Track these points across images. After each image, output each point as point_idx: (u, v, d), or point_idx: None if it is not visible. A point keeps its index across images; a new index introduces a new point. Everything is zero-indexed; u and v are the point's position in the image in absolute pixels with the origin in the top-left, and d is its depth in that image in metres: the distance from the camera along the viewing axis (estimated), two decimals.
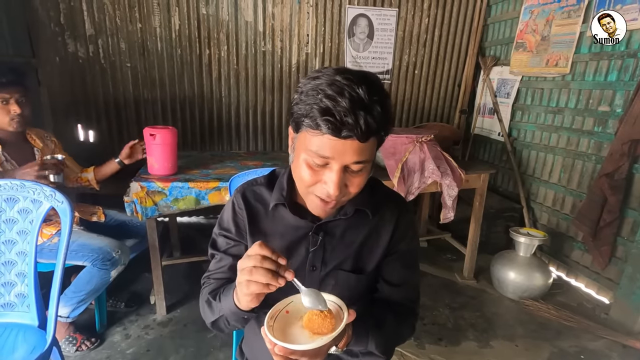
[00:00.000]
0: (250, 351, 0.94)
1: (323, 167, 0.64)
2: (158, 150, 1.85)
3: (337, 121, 0.58)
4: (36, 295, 1.22)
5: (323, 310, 0.62)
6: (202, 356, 1.74)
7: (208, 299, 0.77)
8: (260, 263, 0.58)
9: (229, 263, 0.82)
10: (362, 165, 0.65)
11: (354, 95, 0.58)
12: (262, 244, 0.60)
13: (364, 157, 0.63)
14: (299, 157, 0.67)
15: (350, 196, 0.70)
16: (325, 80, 0.60)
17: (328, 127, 0.59)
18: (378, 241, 0.81)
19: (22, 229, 1.22)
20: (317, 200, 0.68)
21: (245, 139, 3.07)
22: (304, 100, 0.62)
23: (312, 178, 0.66)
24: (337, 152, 0.61)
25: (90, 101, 2.73)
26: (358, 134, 0.59)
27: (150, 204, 1.78)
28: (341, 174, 0.64)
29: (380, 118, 0.61)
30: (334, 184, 0.64)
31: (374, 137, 0.63)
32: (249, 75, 2.92)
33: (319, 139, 0.61)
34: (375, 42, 3.02)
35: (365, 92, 0.59)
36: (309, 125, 0.62)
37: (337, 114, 0.58)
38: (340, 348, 0.66)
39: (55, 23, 2.55)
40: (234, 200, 0.84)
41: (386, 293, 0.83)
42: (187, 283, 2.32)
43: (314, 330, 0.62)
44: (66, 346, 1.70)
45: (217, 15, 2.75)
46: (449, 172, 2.06)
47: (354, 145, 0.61)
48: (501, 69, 3.03)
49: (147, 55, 2.73)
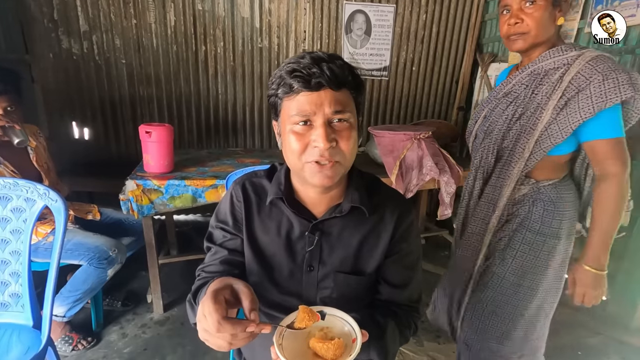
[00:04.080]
0: (248, 350, 0.93)
1: (308, 130, 0.67)
2: (154, 148, 1.83)
3: (304, 74, 0.65)
4: (30, 295, 1.21)
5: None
6: (200, 355, 1.73)
7: (190, 299, 0.75)
8: (215, 335, 0.54)
9: (223, 256, 0.80)
10: (342, 116, 0.68)
11: (314, 55, 0.67)
12: (216, 306, 0.53)
13: (341, 107, 0.67)
14: (286, 134, 0.69)
15: (345, 157, 0.69)
16: (290, 59, 0.69)
17: (298, 82, 0.65)
18: (378, 242, 0.79)
19: (15, 228, 1.21)
20: (313, 166, 0.68)
21: (242, 136, 3.05)
22: (273, 81, 0.70)
23: (300, 143, 0.68)
24: (314, 105, 0.66)
25: (85, 98, 2.70)
26: (326, 78, 0.65)
27: (147, 202, 1.77)
28: (326, 127, 0.66)
29: (344, 67, 0.67)
30: (321, 137, 0.66)
31: (347, 90, 0.69)
32: (246, 72, 2.90)
33: (296, 100, 0.67)
34: (372, 39, 3.00)
35: (325, 53, 0.68)
36: (283, 93, 0.68)
37: (303, 68, 0.65)
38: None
39: (48, 19, 2.51)
40: (233, 192, 0.82)
41: (388, 295, 0.82)
42: (184, 281, 2.30)
43: (320, 353, 0.60)
44: (62, 346, 1.68)
45: (213, 11, 2.72)
46: (447, 169, 2.05)
47: (328, 95, 0.66)
48: (499, 66, 3.02)
49: (143, 51, 2.70)
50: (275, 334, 0.61)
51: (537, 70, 1.14)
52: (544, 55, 1.12)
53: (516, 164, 1.16)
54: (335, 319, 0.66)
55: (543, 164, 1.15)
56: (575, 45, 1.12)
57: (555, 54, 1.10)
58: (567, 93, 1.06)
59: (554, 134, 1.09)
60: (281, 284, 0.80)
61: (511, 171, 1.18)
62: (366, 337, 0.62)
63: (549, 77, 1.11)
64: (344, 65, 0.68)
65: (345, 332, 0.65)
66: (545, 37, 1.10)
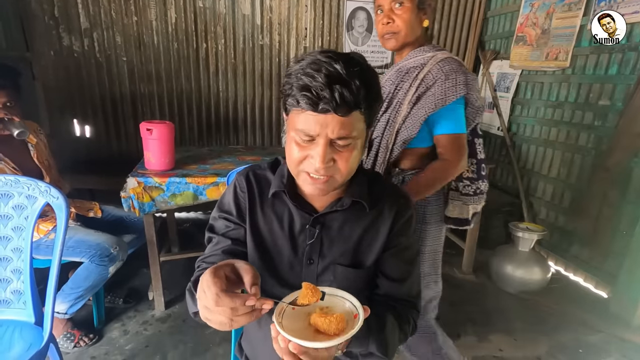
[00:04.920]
0: (249, 347, 0.93)
1: (310, 143, 0.66)
2: (155, 145, 1.83)
3: (314, 96, 0.61)
4: (32, 292, 1.21)
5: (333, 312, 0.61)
6: (201, 352, 1.74)
7: (190, 287, 0.73)
8: (214, 310, 0.53)
9: (226, 246, 0.79)
10: (347, 141, 0.66)
11: (331, 70, 0.62)
12: (215, 279, 0.53)
13: (347, 132, 0.65)
14: (289, 137, 0.69)
15: (342, 174, 0.69)
16: (308, 60, 0.64)
17: (306, 102, 0.62)
18: (377, 235, 0.80)
19: (17, 225, 1.21)
20: (307, 177, 0.69)
21: (243, 133, 3.05)
22: (287, 82, 0.66)
23: (300, 154, 0.68)
24: (319, 126, 0.64)
25: (85, 96, 2.70)
26: (334, 107, 0.62)
27: (148, 199, 1.77)
28: (326, 148, 0.65)
29: (359, 91, 0.63)
30: (319, 157, 0.65)
31: (357, 112, 0.65)
32: (247, 70, 2.89)
33: (302, 116, 0.65)
34: (374, 36, 2.99)
35: (343, 67, 0.62)
36: (292, 105, 0.66)
37: (314, 88, 0.61)
38: (340, 350, 0.64)
39: (49, 16, 2.51)
40: (237, 182, 0.82)
41: (386, 289, 0.82)
42: (186, 279, 2.28)
43: (322, 328, 0.60)
44: (64, 342, 1.69)
45: (214, 8, 2.71)
46: None
47: (335, 119, 0.63)
48: (501, 63, 3.01)
49: (143, 49, 2.69)
50: (275, 311, 0.60)
51: (402, 68, 1.25)
52: (410, 54, 1.24)
53: (382, 154, 1.25)
54: (335, 298, 0.66)
55: (409, 155, 1.26)
56: (435, 47, 1.24)
57: (417, 53, 1.22)
58: (419, 90, 1.19)
59: (409, 127, 1.20)
60: (281, 276, 0.80)
61: (379, 160, 1.26)
62: (368, 312, 0.62)
63: (409, 75, 1.22)
64: (361, 87, 0.63)
65: (347, 309, 0.65)
66: (413, 37, 1.21)
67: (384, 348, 0.73)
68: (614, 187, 2.08)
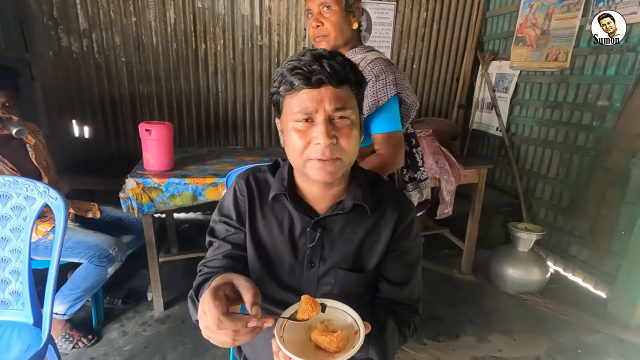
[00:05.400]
0: (248, 348, 0.92)
1: (310, 127, 0.68)
2: (154, 146, 1.83)
3: (305, 71, 0.66)
4: (31, 293, 1.21)
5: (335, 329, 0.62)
6: (200, 353, 1.73)
7: (192, 295, 0.74)
8: (216, 332, 0.53)
9: (227, 250, 0.79)
10: (343, 113, 0.68)
11: (315, 52, 0.68)
12: (216, 302, 0.53)
13: (342, 103, 0.68)
14: (288, 131, 0.70)
15: (347, 154, 0.70)
16: (292, 56, 0.70)
17: (299, 79, 0.66)
18: (378, 239, 0.79)
19: (15, 226, 1.20)
20: (315, 162, 0.69)
21: (242, 134, 3.04)
22: (276, 79, 0.71)
23: (302, 140, 0.68)
24: (316, 102, 0.67)
25: (84, 96, 2.70)
26: (327, 75, 0.66)
27: (147, 200, 1.76)
28: (326, 124, 0.67)
29: (344, 64, 0.68)
30: (322, 134, 0.66)
31: (347, 86, 0.69)
32: (246, 70, 2.89)
33: (297, 97, 0.68)
34: (373, 37, 2.99)
35: (326, 51, 0.69)
36: (285, 91, 0.69)
37: (303, 65, 0.66)
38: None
39: (48, 17, 2.50)
40: (236, 186, 0.82)
41: (387, 292, 0.81)
42: (185, 279, 2.31)
43: (323, 346, 0.60)
44: (63, 343, 1.69)
45: (213, 9, 2.71)
46: (447, 168, 2.05)
47: (329, 91, 0.67)
48: (500, 64, 3.01)
49: (142, 49, 2.69)
50: (276, 326, 0.61)
51: None
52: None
53: None
54: (336, 311, 0.66)
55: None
56: (366, 47, 1.27)
57: (349, 55, 1.23)
58: None
59: None
60: (281, 279, 0.80)
61: None
62: (369, 329, 0.62)
63: None
64: (345, 62, 0.69)
65: (347, 324, 0.64)
66: (344, 39, 1.24)
67: (383, 354, 0.72)
68: (612, 187, 2.08)
